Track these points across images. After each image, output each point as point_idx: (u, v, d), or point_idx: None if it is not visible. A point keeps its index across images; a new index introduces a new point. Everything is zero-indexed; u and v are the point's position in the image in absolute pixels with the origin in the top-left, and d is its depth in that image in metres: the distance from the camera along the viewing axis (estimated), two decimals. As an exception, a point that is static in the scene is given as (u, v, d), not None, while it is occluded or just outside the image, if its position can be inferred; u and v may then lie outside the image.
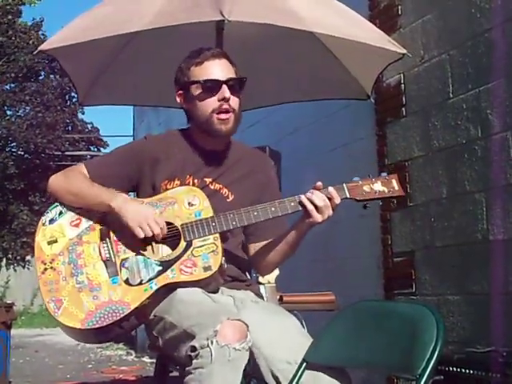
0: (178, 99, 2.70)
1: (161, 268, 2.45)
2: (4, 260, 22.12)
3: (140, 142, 2.88)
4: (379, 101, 4.71)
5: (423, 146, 4.41)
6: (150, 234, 2.45)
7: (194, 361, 2.18)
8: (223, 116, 2.59)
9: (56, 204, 2.64)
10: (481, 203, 3.89)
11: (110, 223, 2.54)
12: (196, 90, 2.61)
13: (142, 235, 2.45)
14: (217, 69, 2.61)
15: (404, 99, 4.64)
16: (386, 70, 4.09)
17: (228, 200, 2.64)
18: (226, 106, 2.58)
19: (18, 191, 22.36)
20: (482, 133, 3.92)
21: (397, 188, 2.52)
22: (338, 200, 2.44)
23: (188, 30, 3.26)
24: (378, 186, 2.50)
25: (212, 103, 2.58)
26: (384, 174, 2.54)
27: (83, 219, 2.59)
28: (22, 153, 23.14)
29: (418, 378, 1.87)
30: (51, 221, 2.60)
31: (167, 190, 2.59)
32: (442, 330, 1.92)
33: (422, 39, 4.45)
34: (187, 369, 2.20)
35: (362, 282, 5.05)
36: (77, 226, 2.58)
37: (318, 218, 2.43)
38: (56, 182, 2.68)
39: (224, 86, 2.58)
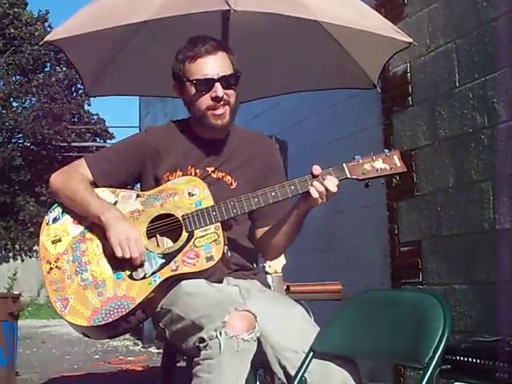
0: (175, 90, 2.70)
1: (164, 261, 2.45)
2: (11, 251, 22.17)
3: (140, 135, 2.88)
4: (385, 90, 4.69)
5: (430, 135, 4.40)
6: (128, 256, 2.43)
7: (203, 352, 2.19)
8: (218, 112, 2.57)
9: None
10: (487, 192, 3.89)
11: (98, 232, 2.54)
12: (190, 88, 2.60)
13: (119, 254, 2.44)
14: (210, 65, 2.57)
15: (410, 88, 4.62)
16: (392, 59, 4.07)
17: (232, 187, 2.64)
18: (219, 103, 2.56)
19: (24, 182, 22.43)
20: (488, 122, 3.90)
21: (399, 164, 2.49)
22: (334, 189, 2.42)
23: (194, 19, 3.24)
24: (379, 164, 2.48)
25: (205, 101, 2.57)
26: (386, 151, 2.52)
27: None
28: (29, 144, 23.21)
29: (426, 367, 1.87)
30: (55, 220, 2.60)
31: (169, 181, 2.59)
32: (449, 319, 1.92)
33: (428, 28, 4.43)
34: (196, 360, 2.22)
35: (368, 272, 5.05)
36: (80, 223, 2.58)
37: (318, 200, 2.43)
38: (56, 182, 2.68)
39: (217, 85, 2.55)
